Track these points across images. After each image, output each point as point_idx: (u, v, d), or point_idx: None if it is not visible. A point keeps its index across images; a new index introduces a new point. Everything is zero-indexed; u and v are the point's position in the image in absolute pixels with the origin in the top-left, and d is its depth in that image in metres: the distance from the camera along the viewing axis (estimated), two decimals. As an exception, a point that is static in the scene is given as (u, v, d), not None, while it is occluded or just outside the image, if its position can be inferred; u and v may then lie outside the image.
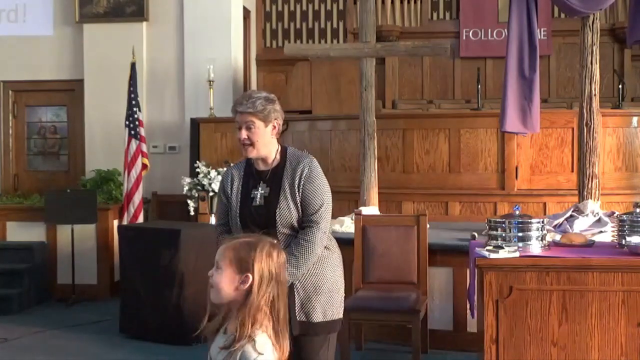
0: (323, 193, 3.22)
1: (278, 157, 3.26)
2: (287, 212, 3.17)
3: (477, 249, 3.93)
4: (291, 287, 3.13)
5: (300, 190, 3.18)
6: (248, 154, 3.23)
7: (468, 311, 4.83)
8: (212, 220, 6.48)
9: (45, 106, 8.98)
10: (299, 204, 3.18)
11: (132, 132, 7.66)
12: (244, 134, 3.19)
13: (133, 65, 7.77)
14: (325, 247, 3.25)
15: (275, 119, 3.24)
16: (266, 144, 3.23)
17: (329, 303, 3.22)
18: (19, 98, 8.96)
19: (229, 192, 3.30)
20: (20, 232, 7.72)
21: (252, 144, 3.20)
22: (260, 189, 3.23)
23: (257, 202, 3.21)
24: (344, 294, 3.35)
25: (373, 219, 5.54)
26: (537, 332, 3.74)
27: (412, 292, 5.07)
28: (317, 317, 3.19)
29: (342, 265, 3.37)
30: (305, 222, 3.19)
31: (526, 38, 5.75)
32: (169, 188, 8.24)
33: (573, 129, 6.59)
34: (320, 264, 3.23)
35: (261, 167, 3.28)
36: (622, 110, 7.34)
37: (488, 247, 3.86)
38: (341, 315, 3.31)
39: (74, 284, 7.40)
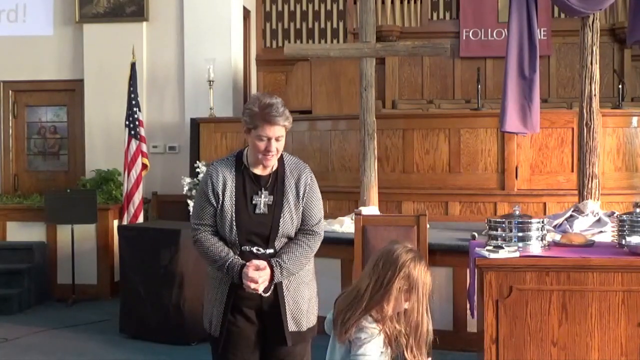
0: (321, 204, 3.21)
1: (276, 162, 3.14)
2: (290, 223, 3.10)
3: (477, 249, 3.93)
4: (283, 300, 3.10)
5: (304, 201, 3.13)
6: (269, 164, 3.08)
7: (468, 311, 4.82)
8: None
9: (45, 106, 8.98)
10: (300, 214, 3.13)
11: (132, 132, 7.66)
12: (274, 146, 3.02)
13: (133, 65, 7.77)
14: None
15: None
16: None
17: (312, 310, 3.22)
18: (19, 98, 8.96)
19: (220, 193, 3.09)
20: (20, 232, 7.73)
21: (277, 154, 3.08)
22: (262, 196, 3.09)
23: (261, 210, 3.08)
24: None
25: (373, 219, 5.52)
26: (537, 332, 3.74)
27: (412, 292, 5.06)
28: (304, 325, 3.16)
29: None
30: (307, 231, 3.15)
31: (526, 38, 5.75)
32: (169, 188, 8.24)
33: (573, 129, 6.59)
34: (309, 273, 3.23)
35: (259, 171, 3.13)
36: (622, 110, 7.33)
37: (488, 247, 3.86)
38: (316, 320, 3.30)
39: (74, 284, 7.40)
